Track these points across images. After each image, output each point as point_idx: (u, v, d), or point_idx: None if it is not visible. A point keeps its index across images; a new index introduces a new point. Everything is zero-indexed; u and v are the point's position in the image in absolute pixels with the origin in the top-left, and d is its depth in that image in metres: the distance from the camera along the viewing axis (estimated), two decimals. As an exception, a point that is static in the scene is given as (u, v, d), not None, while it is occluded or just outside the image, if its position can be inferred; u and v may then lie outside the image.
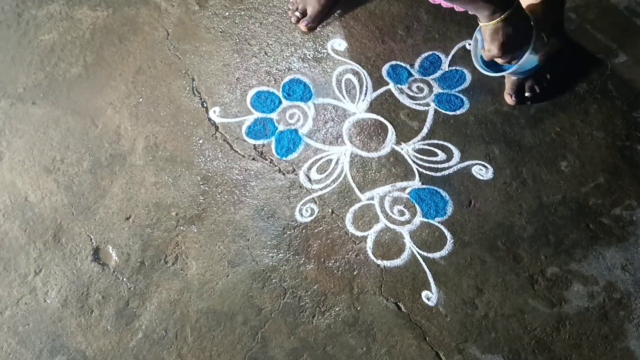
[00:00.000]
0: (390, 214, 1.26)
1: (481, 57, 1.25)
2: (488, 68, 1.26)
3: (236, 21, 1.53)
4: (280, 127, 1.38)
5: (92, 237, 1.29)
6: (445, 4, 1.38)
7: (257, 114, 1.40)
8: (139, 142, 1.38)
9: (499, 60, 1.18)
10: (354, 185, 1.30)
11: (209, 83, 1.45)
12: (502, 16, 1.08)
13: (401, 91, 1.40)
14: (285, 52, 1.47)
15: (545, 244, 1.22)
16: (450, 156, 1.32)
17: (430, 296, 1.19)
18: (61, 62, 1.50)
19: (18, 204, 1.33)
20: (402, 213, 1.26)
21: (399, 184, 1.29)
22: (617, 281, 1.18)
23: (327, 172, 1.32)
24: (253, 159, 1.35)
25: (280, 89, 1.43)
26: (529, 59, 1.17)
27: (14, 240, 1.30)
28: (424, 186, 1.29)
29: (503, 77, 1.32)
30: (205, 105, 1.42)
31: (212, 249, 1.26)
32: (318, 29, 1.50)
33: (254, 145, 1.37)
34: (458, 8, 1.30)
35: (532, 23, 1.13)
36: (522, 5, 1.15)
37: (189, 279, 1.24)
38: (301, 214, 1.28)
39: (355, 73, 1.43)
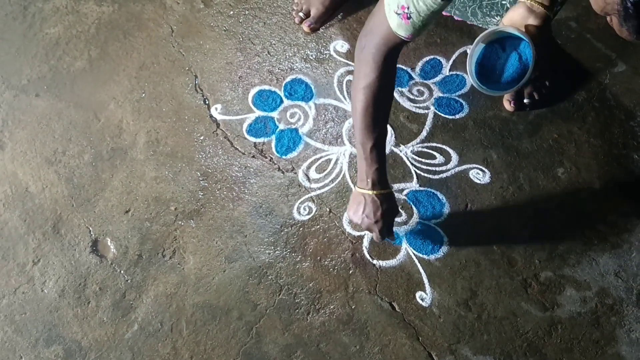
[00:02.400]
0: (387, 214, 1.28)
1: (476, 72, 1.23)
2: (484, 83, 1.24)
3: (240, 20, 1.54)
4: (281, 126, 1.39)
5: (91, 229, 1.30)
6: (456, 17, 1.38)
7: (258, 113, 1.42)
8: (141, 136, 1.40)
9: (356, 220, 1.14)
10: (352, 185, 1.31)
11: (212, 80, 1.46)
12: (374, 190, 1.09)
13: (401, 94, 1.41)
14: (288, 52, 1.49)
15: (539, 248, 1.23)
16: (448, 159, 1.33)
17: (424, 297, 1.20)
18: (66, 56, 1.52)
19: (19, 194, 1.34)
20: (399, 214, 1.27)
21: (397, 186, 1.31)
22: (609, 287, 1.19)
23: (326, 172, 1.34)
24: (253, 156, 1.36)
25: (282, 89, 1.44)
26: (528, 76, 1.15)
27: (13, 229, 1.31)
28: (422, 188, 1.30)
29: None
30: (207, 102, 1.43)
31: (210, 244, 1.27)
32: (321, 30, 1.51)
33: (255, 143, 1.38)
34: (457, 17, 1.31)
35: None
36: (520, 24, 1.13)
37: (186, 273, 1.25)
38: (299, 212, 1.29)
39: (357, 75, 1.44)
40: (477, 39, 1.15)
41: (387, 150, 1.34)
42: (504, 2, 1.20)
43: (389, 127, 1.37)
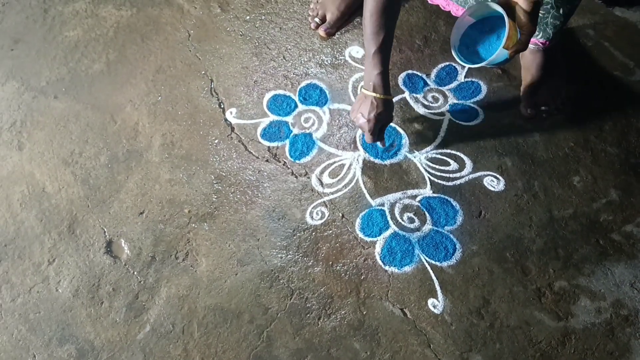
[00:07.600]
0: (400, 220, 1.27)
1: (458, 47, 1.20)
2: (466, 59, 1.15)
3: (256, 25, 1.55)
4: (295, 131, 1.40)
5: (105, 230, 1.31)
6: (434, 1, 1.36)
7: (272, 117, 1.42)
8: (156, 139, 1.41)
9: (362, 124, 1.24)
10: (365, 191, 1.31)
11: (227, 84, 1.47)
12: (375, 93, 1.19)
13: (416, 100, 1.41)
14: (303, 57, 1.49)
15: (554, 257, 1.22)
16: (462, 166, 1.33)
17: (436, 304, 1.19)
18: (84, 58, 1.54)
19: (36, 194, 1.36)
20: (412, 220, 1.27)
21: (410, 192, 1.30)
22: (624, 298, 1.17)
23: (339, 177, 1.34)
24: (267, 160, 1.37)
25: (297, 93, 1.45)
26: (501, 53, 1.11)
27: (29, 229, 1.32)
28: (435, 195, 1.30)
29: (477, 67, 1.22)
30: (222, 106, 1.44)
31: (223, 247, 1.28)
32: (336, 35, 1.52)
33: (269, 147, 1.38)
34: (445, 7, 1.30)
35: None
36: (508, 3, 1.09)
37: (199, 275, 1.25)
38: (312, 217, 1.30)
39: (372, 80, 1.44)
40: (464, 12, 1.13)
41: (401, 157, 1.34)
42: None
43: (402, 133, 1.37)
